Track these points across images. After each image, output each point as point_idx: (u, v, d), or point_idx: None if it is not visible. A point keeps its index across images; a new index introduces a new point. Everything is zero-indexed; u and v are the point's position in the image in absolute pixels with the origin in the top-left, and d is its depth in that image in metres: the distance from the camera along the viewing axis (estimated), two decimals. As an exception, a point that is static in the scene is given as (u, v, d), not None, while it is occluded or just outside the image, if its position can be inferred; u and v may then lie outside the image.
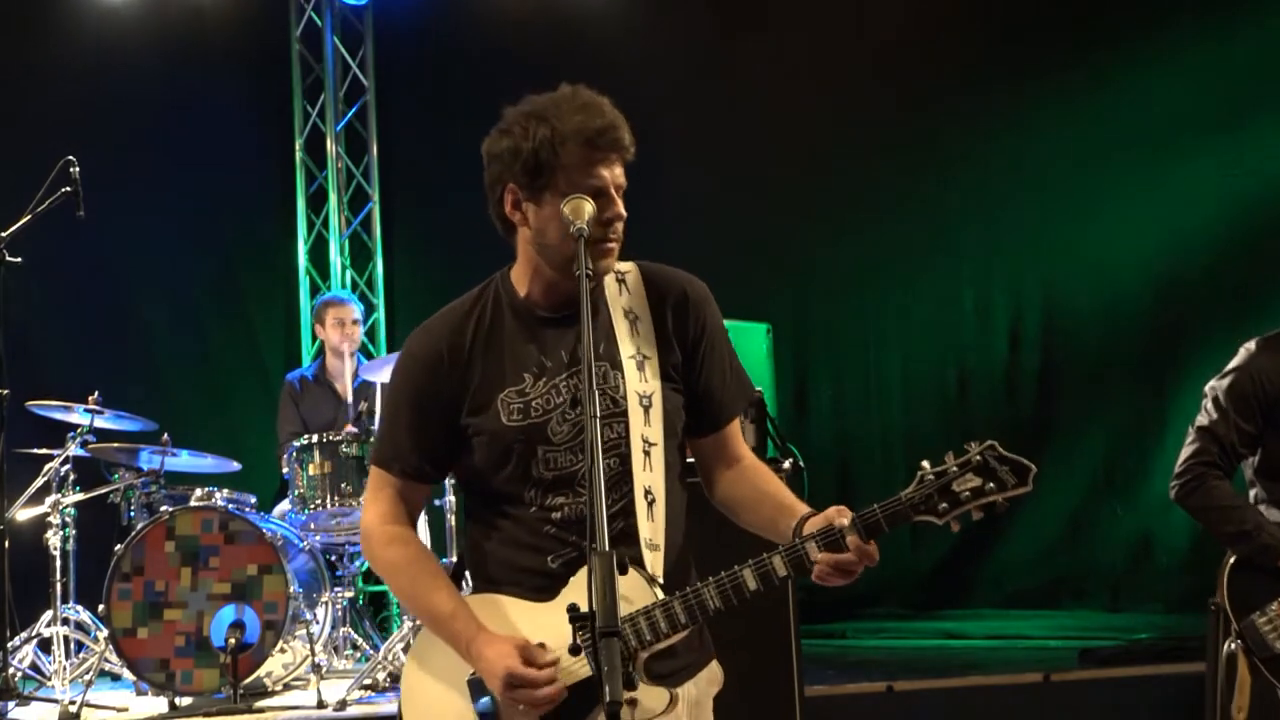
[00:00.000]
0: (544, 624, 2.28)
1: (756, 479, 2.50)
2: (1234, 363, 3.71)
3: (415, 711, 2.41)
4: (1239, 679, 3.46)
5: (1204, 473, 3.64)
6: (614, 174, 2.32)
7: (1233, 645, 3.50)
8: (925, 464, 2.25)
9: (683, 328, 2.43)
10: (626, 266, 2.46)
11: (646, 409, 2.35)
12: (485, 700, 2.29)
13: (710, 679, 2.46)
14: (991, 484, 2.24)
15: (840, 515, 2.23)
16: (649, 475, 2.33)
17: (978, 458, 2.25)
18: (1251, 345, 3.70)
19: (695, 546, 2.47)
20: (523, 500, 2.36)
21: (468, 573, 2.50)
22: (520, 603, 2.35)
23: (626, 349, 2.37)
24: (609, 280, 2.43)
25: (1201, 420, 3.69)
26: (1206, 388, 3.73)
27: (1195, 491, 3.65)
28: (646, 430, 2.34)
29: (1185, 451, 3.71)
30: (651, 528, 2.31)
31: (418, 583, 2.41)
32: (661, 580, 2.27)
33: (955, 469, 2.24)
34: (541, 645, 2.26)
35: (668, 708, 2.26)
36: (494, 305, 2.43)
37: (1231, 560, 3.59)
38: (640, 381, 2.36)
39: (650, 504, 2.32)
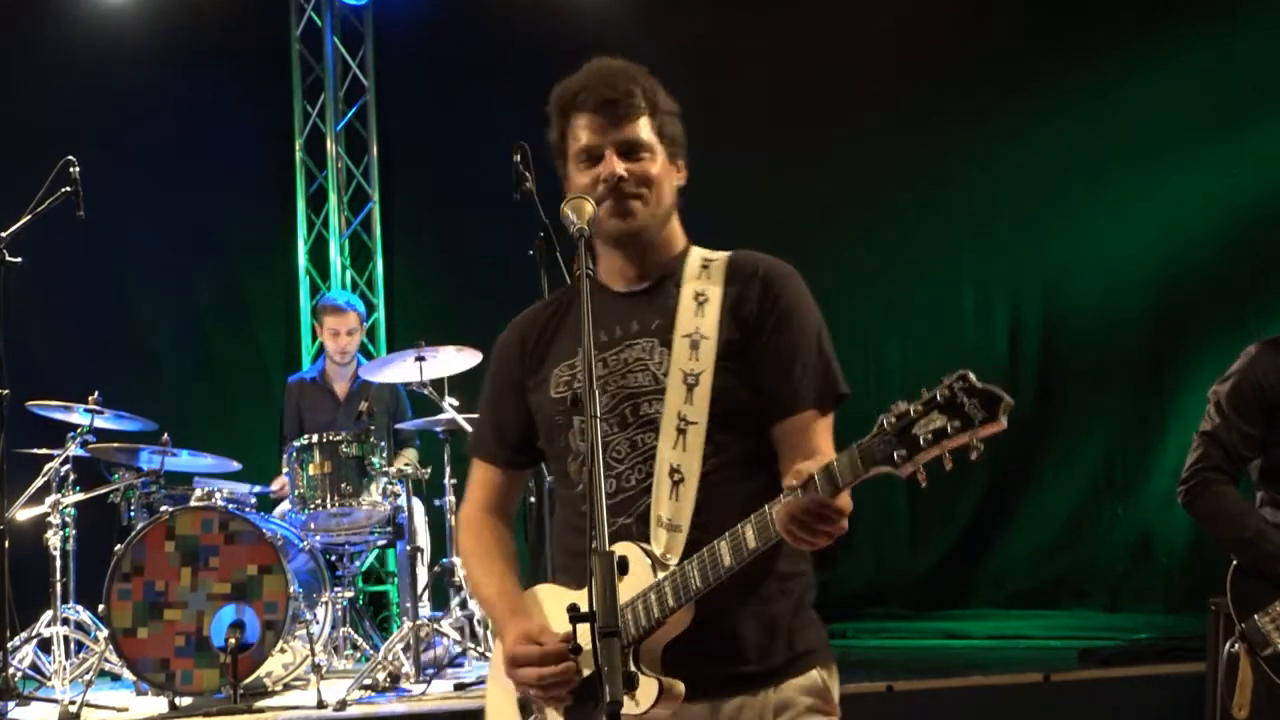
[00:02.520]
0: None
1: None
2: (1236, 366, 3.72)
3: (490, 706, 2.44)
4: (1240, 678, 3.47)
5: (1209, 478, 3.65)
6: (609, 134, 2.33)
7: (1235, 646, 3.51)
8: (898, 404, 1.93)
9: (748, 306, 2.33)
10: (718, 255, 2.43)
11: (690, 387, 2.26)
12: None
13: (801, 689, 2.23)
14: (957, 422, 1.86)
15: (792, 479, 2.04)
16: (679, 454, 2.24)
17: (945, 392, 1.88)
18: (1253, 349, 3.71)
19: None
20: (569, 477, 2.37)
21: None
22: (564, 591, 2.31)
23: (684, 327, 2.31)
24: (692, 261, 2.41)
25: (1205, 425, 3.70)
26: (1209, 392, 3.74)
27: (1200, 498, 3.67)
28: (686, 408, 2.25)
29: (1190, 457, 3.72)
30: (672, 507, 2.22)
31: (475, 571, 2.46)
32: (675, 563, 2.17)
33: (920, 408, 1.89)
34: (579, 649, 2.18)
35: (659, 700, 2.08)
36: (568, 298, 2.48)
37: (1235, 563, 3.59)
38: (690, 360, 2.28)
39: (676, 483, 2.23)
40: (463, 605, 5.85)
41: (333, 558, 6.12)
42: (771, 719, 2.22)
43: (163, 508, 5.60)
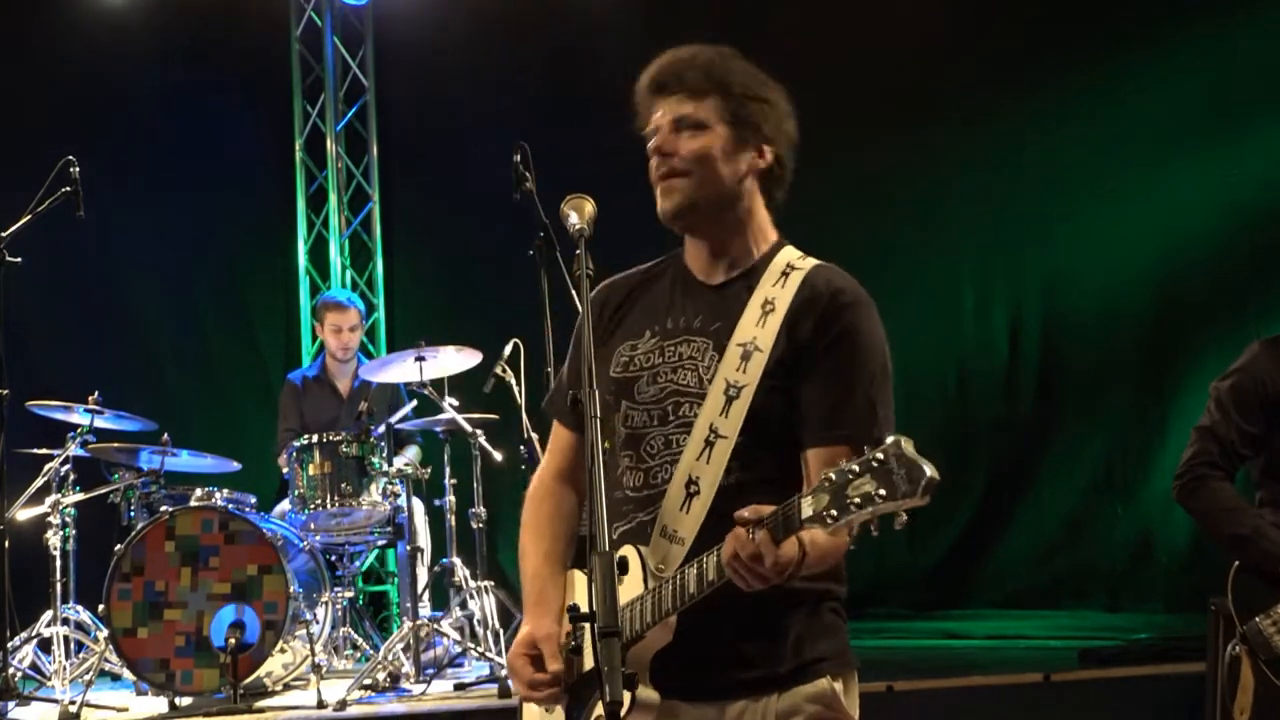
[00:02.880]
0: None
1: None
2: (1238, 363, 3.68)
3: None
4: (1241, 680, 3.44)
5: (1205, 474, 3.60)
6: (664, 112, 2.33)
7: (1236, 648, 3.48)
8: (840, 462, 1.92)
9: (807, 325, 2.25)
10: (804, 264, 2.37)
11: (731, 399, 2.21)
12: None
13: (808, 697, 2.20)
14: (883, 490, 1.85)
15: (744, 513, 2.00)
16: (702, 465, 2.20)
17: (879, 458, 1.86)
18: (1256, 346, 3.68)
19: None
20: (613, 461, 2.32)
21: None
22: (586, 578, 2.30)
23: (742, 335, 2.25)
24: (775, 265, 2.35)
25: (1204, 421, 3.66)
26: (1210, 387, 3.71)
27: (1196, 493, 3.62)
28: (720, 421, 2.20)
29: (1187, 452, 3.67)
30: (679, 518, 2.19)
31: (524, 543, 2.41)
32: (668, 575, 2.15)
33: (855, 469, 1.87)
34: (579, 649, 2.22)
35: (631, 710, 2.02)
36: (671, 264, 2.44)
37: (1236, 564, 3.55)
38: (737, 371, 2.22)
39: (691, 495, 2.19)
40: (463, 605, 5.85)
41: (333, 558, 6.12)
42: None
43: (163, 508, 5.60)
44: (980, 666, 5.82)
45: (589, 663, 2.16)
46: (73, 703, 5.05)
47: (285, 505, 6.11)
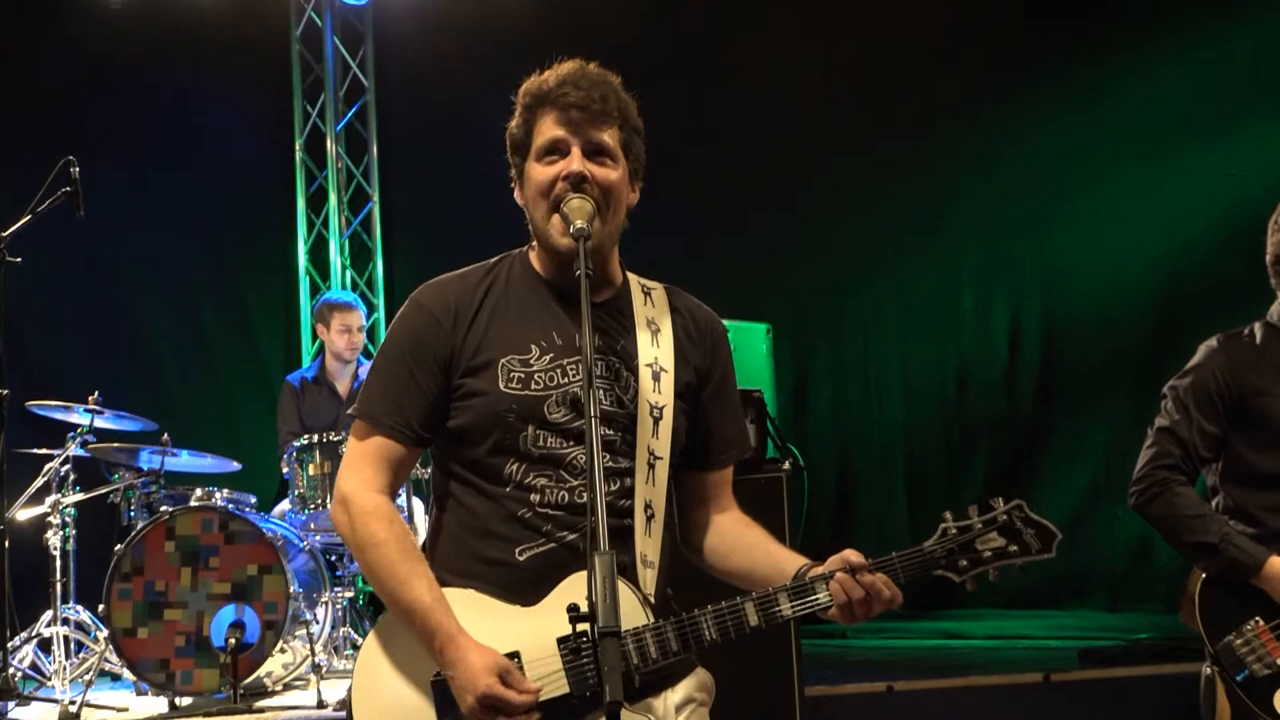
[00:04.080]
0: (519, 630, 2.20)
1: (750, 528, 2.44)
2: (1195, 360, 3.49)
3: (368, 700, 2.27)
4: (1218, 710, 3.25)
5: (1166, 478, 3.41)
6: (580, 133, 2.28)
7: (1209, 669, 3.30)
8: (948, 514, 2.21)
9: (701, 355, 2.41)
10: (652, 284, 2.45)
11: (656, 420, 2.29)
12: (449, 706, 2.19)
13: (697, 687, 2.35)
14: (1015, 547, 2.21)
15: (853, 557, 2.18)
16: (651, 489, 2.26)
17: (1004, 517, 2.21)
18: (1214, 342, 3.51)
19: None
20: (501, 477, 2.26)
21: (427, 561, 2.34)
22: (493, 602, 2.24)
23: (645, 355, 2.32)
24: (634, 288, 2.41)
25: (1162, 421, 3.46)
26: (1166, 388, 3.50)
27: (1157, 499, 3.42)
28: (654, 443, 2.28)
29: (1145, 455, 3.48)
30: (649, 544, 2.25)
31: (398, 567, 2.23)
32: (653, 600, 2.21)
33: (980, 525, 2.20)
34: (516, 655, 2.18)
35: None
36: (510, 274, 2.40)
37: (1204, 576, 3.37)
38: (654, 392, 2.30)
39: (650, 519, 2.26)
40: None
41: (333, 558, 6.12)
42: (674, 716, 2.30)
43: (163, 508, 5.60)
44: (980, 666, 5.82)
45: (551, 686, 2.17)
46: (73, 703, 5.05)
47: (285, 505, 6.11)
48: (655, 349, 2.33)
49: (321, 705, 5.00)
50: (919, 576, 2.17)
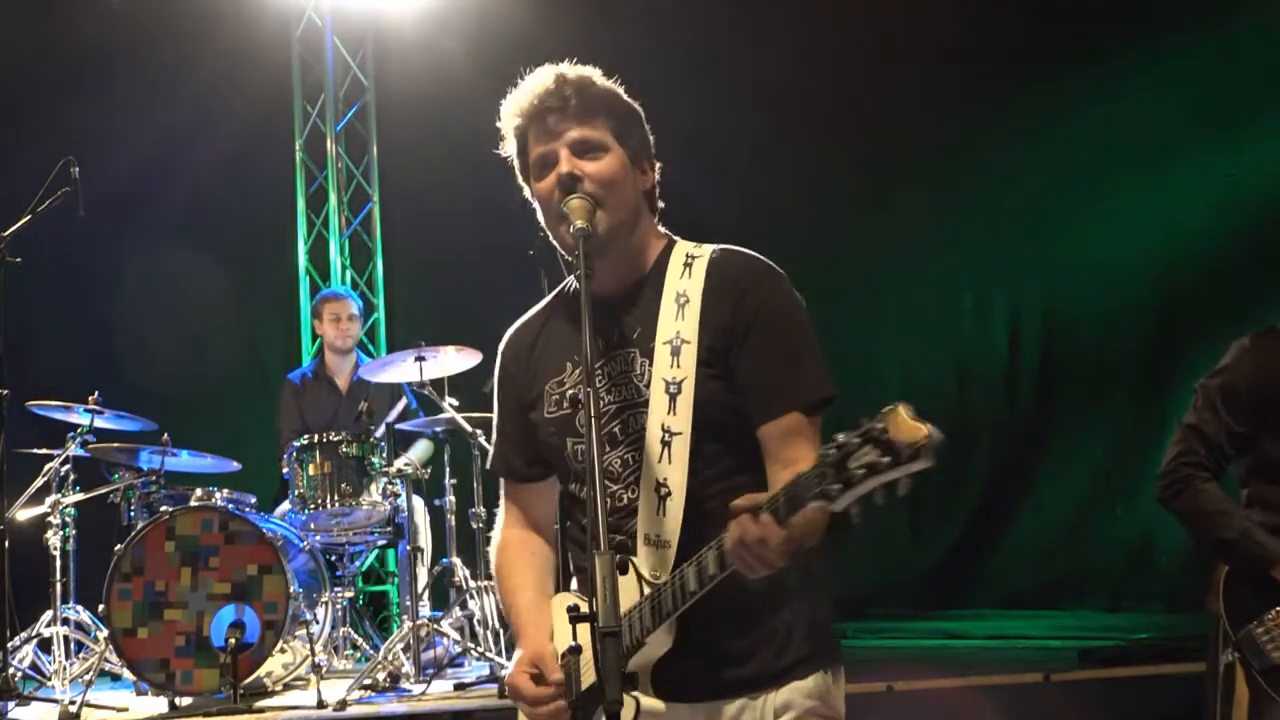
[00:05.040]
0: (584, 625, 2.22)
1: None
2: (1226, 360, 3.54)
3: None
4: (1236, 694, 3.32)
5: (1191, 474, 3.46)
6: (562, 136, 2.26)
7: (1231, 656, 3.36)
8: (838, 435, 1.86)
9: (729, 309, 2.26)
10: (701, 251, 2.37)
11: (673, 396, 2.22)
12: None
13: (804, 693, 2.21)
14: (887, 458, 1.78)
15: (749, 500, 1.99)
16: (665, 466, 2.21)
17: (877, 425, 1.80)
18: (1245, 342, 3.53)
19: None
20: (571, 495, 2.39)
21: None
22: (574, 599, 2.33)
23: (665, 333, 2.27)
24: (674, 261, 2.35)
25: (1190, 419, 3.52)
26: (1197, 385, 3.56)
27: (1182, 494, 3.47)
28: (669, 419, 2.22)
29: (1172, 451, 3.52)
30: (659, 523, 2.19)
31: (504, 583, 2.46)
32: (664, 580, 2.15)
33: (855, 440, 1.81)
34: (579, 648, 2.12)
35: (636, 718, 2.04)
36: (564, 299, 2.44)
37: (1227, 570, 3.43)
38: (671, 367, 2.24)
39: (664, 497, 2.20)
40: (463, 605, 5.85)
41: (333, 558, 6.12)
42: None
43: (163, 508, 5.60)
44: (980, 666, 5.82)
45: (588, 675, 2.17)
46: (73, 703, 5.05)
47: (285, 505, 6.11)
48: (679, 322, 2.27)
49: (321, 705, 5.00)
50: (796, 507, 1.88)
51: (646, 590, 2.16)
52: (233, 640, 5.14)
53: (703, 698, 2.22)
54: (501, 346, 2.50)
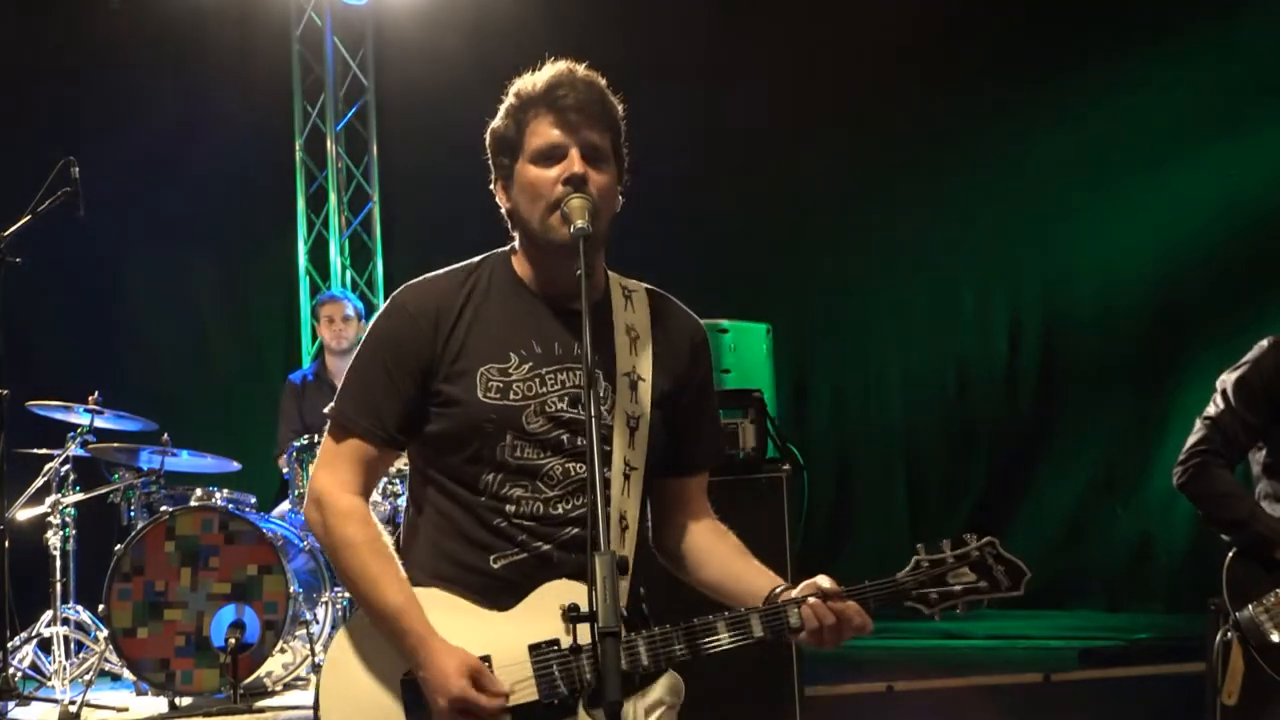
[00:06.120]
0: (490, 634, 2.21)
1: (724, 539, 2.43)
2: (1248, 357, 3.76)
3: (336, 699, 2.27)
4: (1231, 666, 3.50)
5: (1205, 461, 3.68)
6: (579, 135, 2.25)
7: (1229, 634, 3.53)
8: (920, 547, 2.26)
9: (681, 364, 2.39)
10: (634, 285, 2.42)
11: (633, 430, 2.29)
12: (419, 706, 2.20)
13: (668, 690, 2.31)
14: (985, 583, 2.24)
15: (824, 582, 2.20)
16: (625, 499, 2.26)
17: (975, 553, 2.25)
18: (1266, 342, 3.74)
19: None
20: (477, 487, 2.27)
21: (400, 561, 2.32)
22: (464, 604, 2.26)
23: (622, 365, 2.31)
24: (615, 293, 2.38)
25: (1209, 410, 3.74)
26: (1218, 380, 3.78)
27: (1196, 478, 3.69)
28: (629, 453, 2.28)
29: (1190, 439, 3.75)
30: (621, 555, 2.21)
31: (369, 567, 2.24)
32: (625, 613, 2.16)
33: (952, 559, 2.24)
34: (487, 659, 2.18)
35: None
36: (491, 279, 2.36)
37: (1232, 553, 3.61)
38: (631, 402, 2.29)
39: (624, 529, 2.26)
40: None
41: (333, 558, 6.11)
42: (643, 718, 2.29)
43: (163, 508, 5.60)
44: (980, 666, 5.83)
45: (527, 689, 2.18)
46: (73, 703, 5.05)
47: (285, 505, 6.11)
48: (633, 357, 2.32)
49: (321, 705, 5.00)
50: (890, 605, 2.22)
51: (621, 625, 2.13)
52: (233, 640, 5.15)
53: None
54: (401, 298, 2.34)
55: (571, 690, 2.17)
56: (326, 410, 2.39)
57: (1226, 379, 3.74)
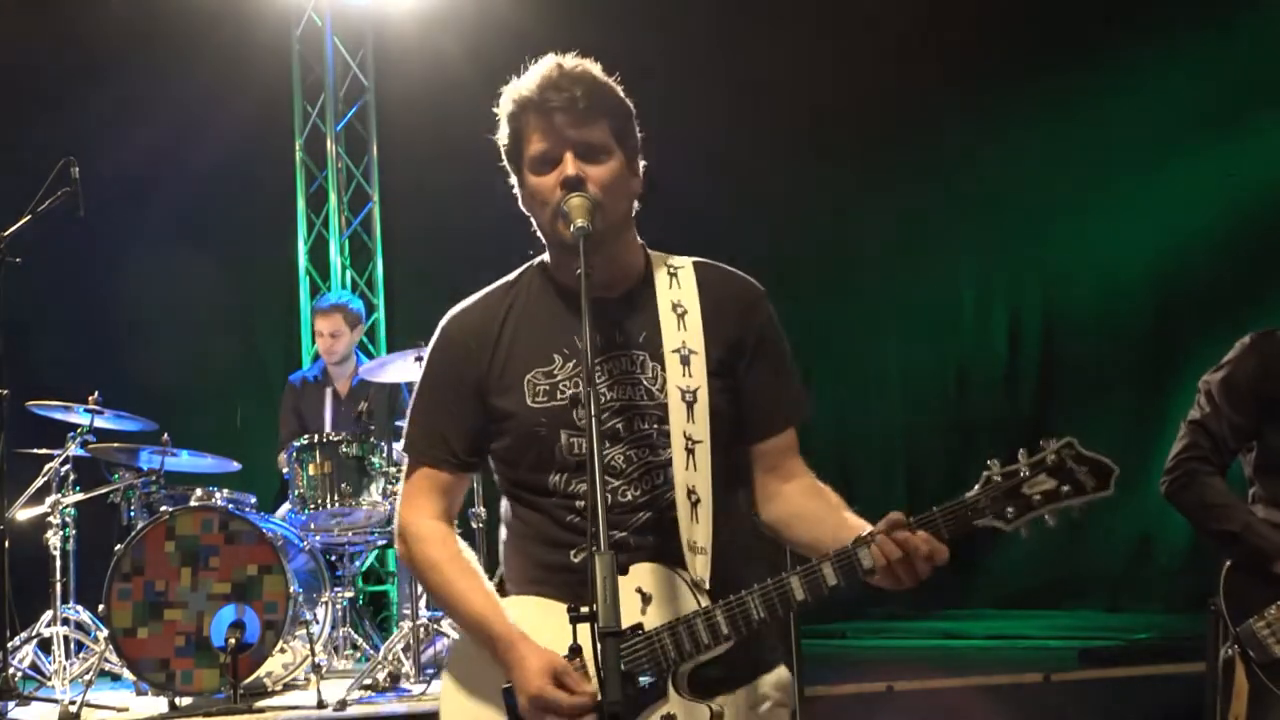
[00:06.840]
0: (583, 629, 2.16)
1: (819, 497, 2.40)
2: (1229, 356, 3.62)
3: (452, 716, 2.34)
4: (1236, 685, 3.36)
5: (1195, 469, 3.54)
6: (567, 136, 2.24)
7: (1230, 650, 3.40)
8: (993, 462, 2.12)
9: (732, 326, 2.35)
10: (681, 262, 2.42)
11: (690, 404, 2.26)
12: (515, 710, 2.22)
13: (772, 685, 2.31)
14: (1067, 487, 2.09)
15: (894, 516, 2.14)
16: (692, 474, 2.24)
17: (1053, 457, 2.10)
18: (1247, 339, 3.62)
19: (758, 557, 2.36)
20: (546, 488, 2.30)
21: (502, 577, 2.40)
22: (556, 605, 2.23)
23: (671, 341, 2.30)
24: (660, 272, 2.38)
25: (1194, 414, 3.60)
26: (1200, 381, 3.64)
27: (1186, 488, 3.55)
28: (689, 427, 2.26)
29: (1176, 446, 3.61)
30: (695, 530, 2.23)
31: (453, 583, 2.32)
32: (708, 586, 2.19)
33: (1026, 470, 2.10)
34: (578, 651, 2.15)
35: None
36: (530, 287, 2.40)
37: (1229, 562, 3.47)
38: (684, 376, 2.28)
39: (694, 504, 2.23)
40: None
41: (333, 558, 6.12)
42: (747, 712, 2.28)
43: (163, 508, 5.60)
44: (980, 666, 5.82)
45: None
46: (73, 703, 5.05)
47: (285, 505, 6.11)
48: (682, 332, 2.31)
49: (321, 705, 5.00)
50: (964, 529, 2.08)
51: (702, 597, 2.17)
52: (233, 640, 5.14)
53: (713, 690, 2.22)
54: (448, 325, 2.40)
55: (659, 673, 2.16)
56: (401, 448, 2.49)
57: (1210, 380, 3.60)
